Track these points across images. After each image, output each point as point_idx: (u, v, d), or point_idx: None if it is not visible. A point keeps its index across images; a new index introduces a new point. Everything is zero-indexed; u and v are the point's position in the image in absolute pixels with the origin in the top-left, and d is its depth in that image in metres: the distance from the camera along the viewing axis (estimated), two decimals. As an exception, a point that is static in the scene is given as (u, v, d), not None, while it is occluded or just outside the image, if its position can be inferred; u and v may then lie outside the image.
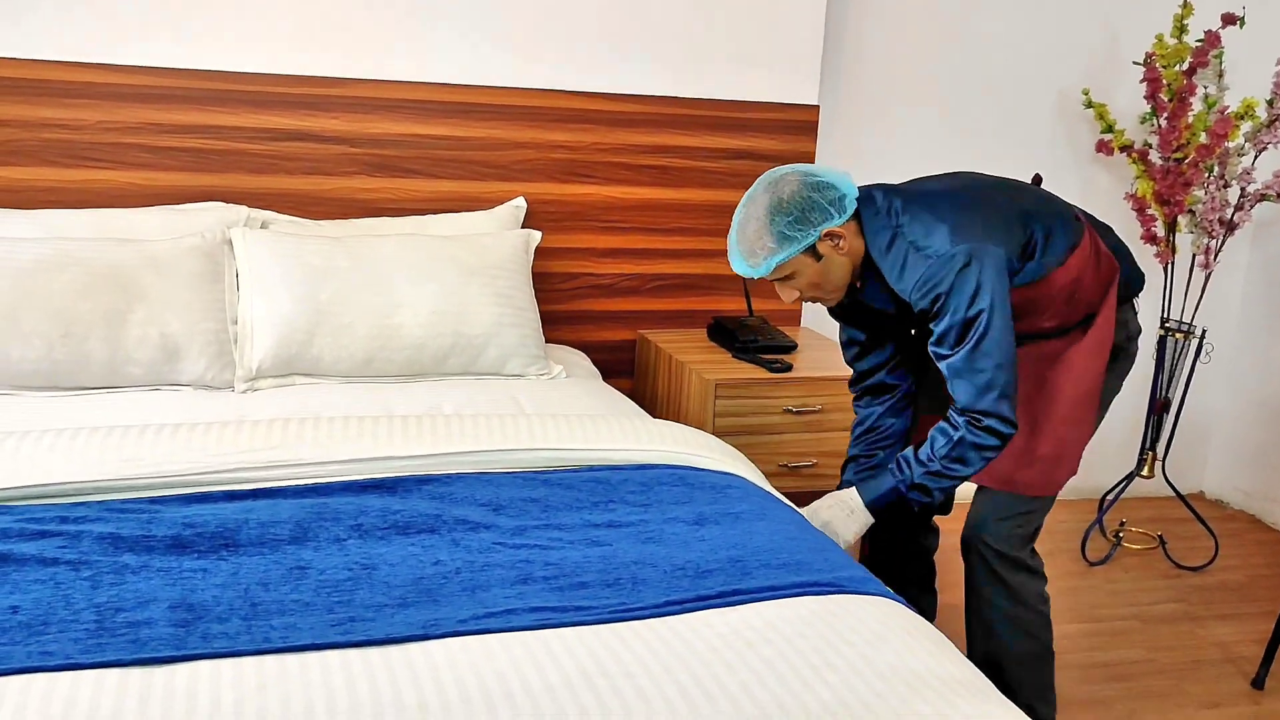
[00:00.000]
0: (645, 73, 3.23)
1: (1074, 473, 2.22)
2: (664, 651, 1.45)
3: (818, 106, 3.38)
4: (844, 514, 2.15)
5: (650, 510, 1.91)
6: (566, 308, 3.29)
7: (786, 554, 1.76)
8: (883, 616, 1.58)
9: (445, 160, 3.09)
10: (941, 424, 2.06)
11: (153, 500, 1.79)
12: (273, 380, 2.59)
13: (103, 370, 2.45)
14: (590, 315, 3.32)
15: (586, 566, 1.69)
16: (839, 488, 2.30)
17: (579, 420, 2.19)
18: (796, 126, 3.38)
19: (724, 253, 3.46)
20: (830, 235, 2.07)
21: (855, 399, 2.42)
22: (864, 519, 2.16)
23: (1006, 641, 2.27)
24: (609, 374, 3.36)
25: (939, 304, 1.98)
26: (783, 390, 2.98)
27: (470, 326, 2.70)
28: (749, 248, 2.10)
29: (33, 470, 1.81)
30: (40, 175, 2.79)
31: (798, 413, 3.00)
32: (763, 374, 2.97)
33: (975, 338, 1.96)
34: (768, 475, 3.01)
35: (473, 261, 2.77)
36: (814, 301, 2.20)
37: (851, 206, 2.08)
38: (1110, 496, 3.85)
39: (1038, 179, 2.34)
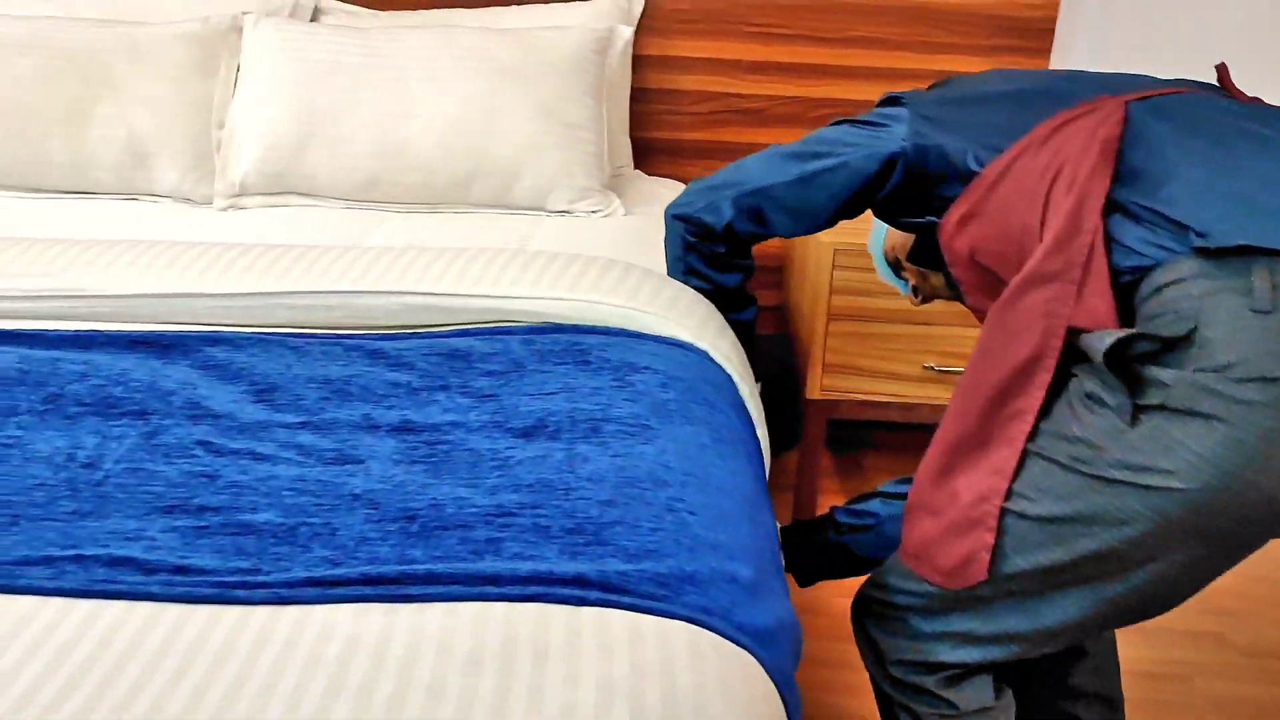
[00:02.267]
0: None
1: (938, 569, 1.16)
2: (187, 684, 0.85)
3: None
4: None
5: (485, 405, 1.27)
6: (697, 136, 2.58)
7: (610, 510, 1.07)
8: (629, 682, 0.87)
9: (545, -61, 2.45)
10: None
11: None
12: (261, 199, 2.15)
13: (65, 173, 2.11)
14: (730, 148, 2.59)
15: (278, 499, 1.11)
16: None
17: (492, 259, 1.54)
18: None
19: (916, 75, 2.59)
20: None
21: None
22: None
23: None
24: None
25: None
26: (933, 263, 2.14)
27: (498, 146, 2.10)
28: None
29: None
30: (87, -48, 2.47)
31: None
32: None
33: None
34: (910, 380, 2.21)
35: (513, 62, 2.15)
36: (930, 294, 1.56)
37: None
38: None
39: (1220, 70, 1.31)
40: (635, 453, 1.15)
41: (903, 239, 1.50)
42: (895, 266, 1.55)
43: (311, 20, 2.38)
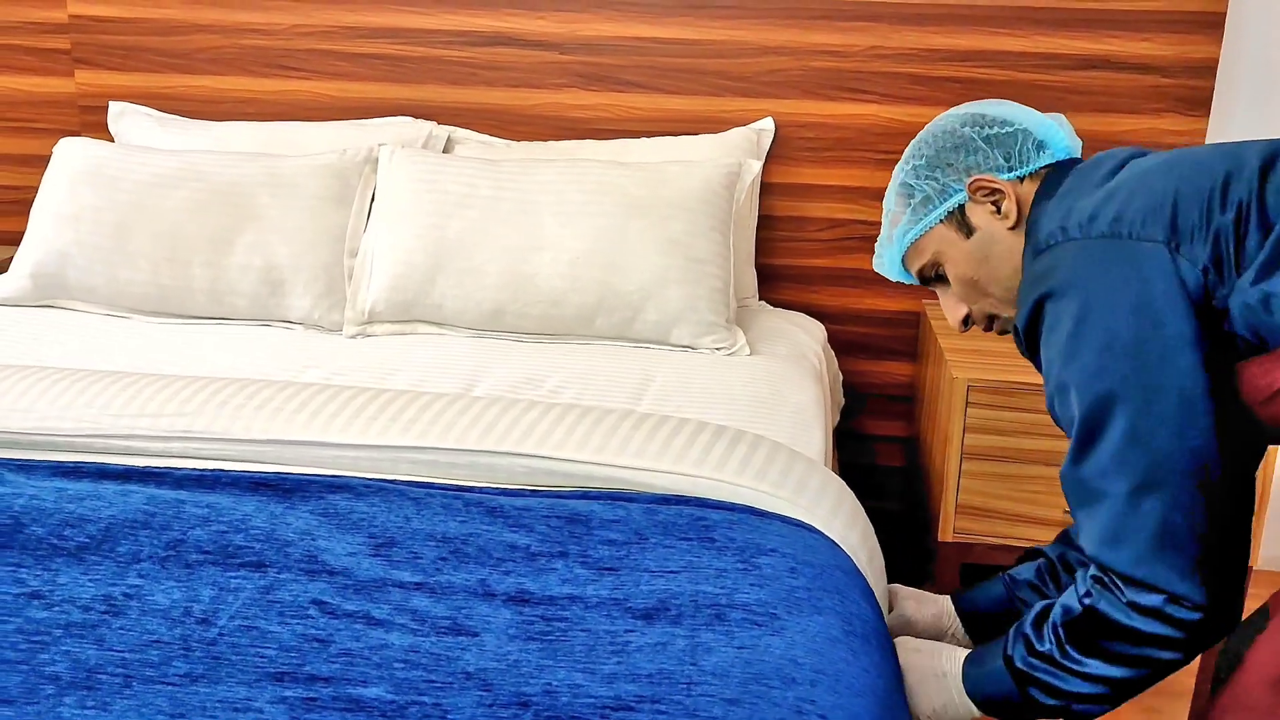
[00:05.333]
0: (947, -52, 2.36)
1: None
2: None
3: (1221, -12, 2.29)
4: (930, 674, 1.27)
5: (605, 578, 1.23)
6: (824, 263, 2.54)
7: (734, 710, 1.01)
8: None
9: (674, 71, 2.46)
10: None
11: None
12: (390, 326, 2.18)
13: (207, 299, 2.18)
14: (856, 275, 2.54)
15: (390, 672, 1.07)
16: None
17: (617, 423, 1.51)
18: (1190, 21, 2.31)
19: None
20: (981, 188, 1.27)
21: None
22: (958, 700, 1.24)
23: None
24: (887, 355, 2.56)
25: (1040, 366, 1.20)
26: (1074, 404, 2.03)
27: (623, 280, 2.09)
28: (884, 223, 1.39)
29: None
30: (238, 85, 2.59)
31: (1097, 440, 2.04)
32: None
33: (1092, 426, 1.08)
34: (1051, 525, 2.09)
35: (642, 196, 2.15)
36: (993, 324, 1.35)
37: (1033, 154, 1.27)
38: None
39: None
40: (762, 645, 1.08)
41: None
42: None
43: (445, 151, 2.44)
